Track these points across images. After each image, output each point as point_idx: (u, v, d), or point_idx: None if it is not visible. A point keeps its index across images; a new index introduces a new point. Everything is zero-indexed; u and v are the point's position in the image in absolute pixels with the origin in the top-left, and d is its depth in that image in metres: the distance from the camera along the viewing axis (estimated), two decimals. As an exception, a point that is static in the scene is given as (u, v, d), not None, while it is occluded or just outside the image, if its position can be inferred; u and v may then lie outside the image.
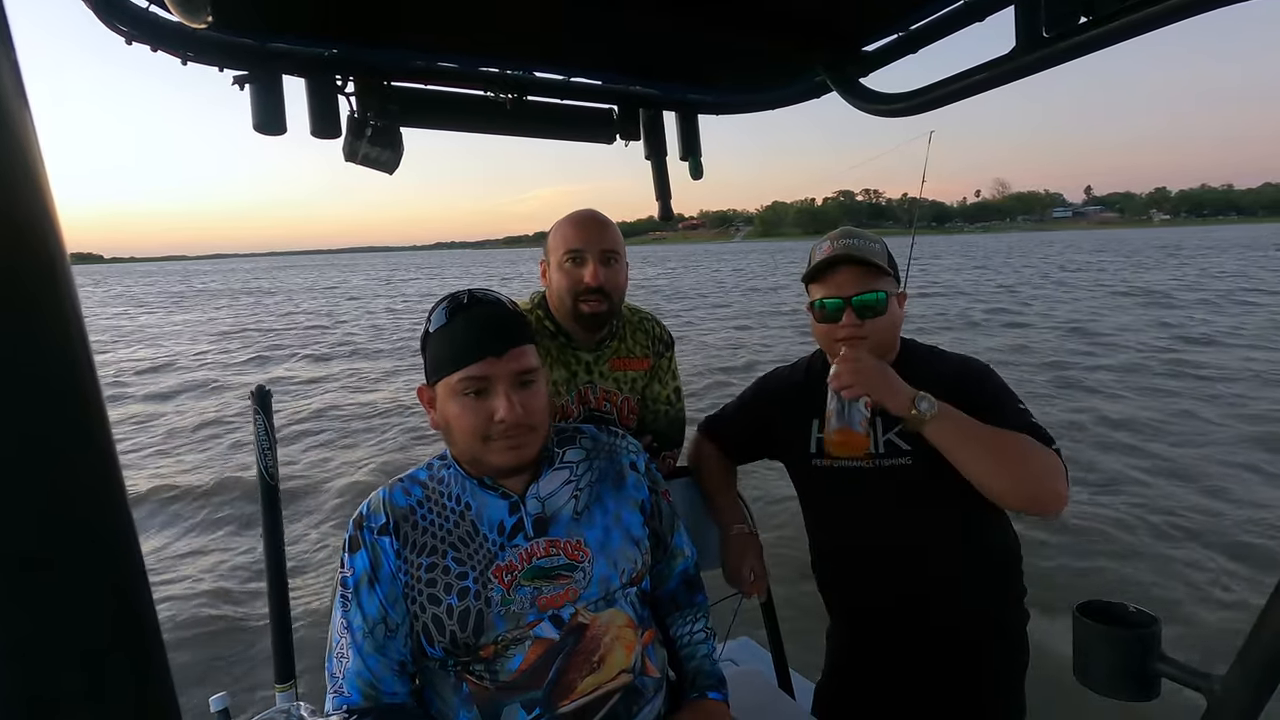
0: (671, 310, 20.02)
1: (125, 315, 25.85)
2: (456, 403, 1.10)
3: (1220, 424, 6.83)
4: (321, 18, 1.27)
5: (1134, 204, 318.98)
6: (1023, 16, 1.15)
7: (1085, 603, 0.84)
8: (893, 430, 1.43)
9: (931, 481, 1.38)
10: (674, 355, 1.80)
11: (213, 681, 3.29)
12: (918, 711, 1.49)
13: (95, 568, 0.26)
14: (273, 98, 1.33)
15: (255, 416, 1.73)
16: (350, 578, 1.10)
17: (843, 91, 1.48)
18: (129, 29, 1.14)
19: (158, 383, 11.43)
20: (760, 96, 1.77)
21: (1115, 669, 0.80)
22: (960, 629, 1.44)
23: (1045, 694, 1.62)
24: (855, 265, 1.41)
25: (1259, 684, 0.70)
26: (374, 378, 11.26)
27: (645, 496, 1.27)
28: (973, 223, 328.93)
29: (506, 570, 1.10)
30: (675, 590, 1.35)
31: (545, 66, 1.56)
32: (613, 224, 1.59)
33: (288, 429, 7.94)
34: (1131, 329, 13.38)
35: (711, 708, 1.22)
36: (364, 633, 1.08)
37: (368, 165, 1.48)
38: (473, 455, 1.12)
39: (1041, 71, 1.17)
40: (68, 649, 0.25)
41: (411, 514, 1.13)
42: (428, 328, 1.15)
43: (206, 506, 5.64)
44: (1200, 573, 3.98)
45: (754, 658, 2.15)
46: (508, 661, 1.07)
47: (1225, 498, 5.01)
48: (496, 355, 1.08)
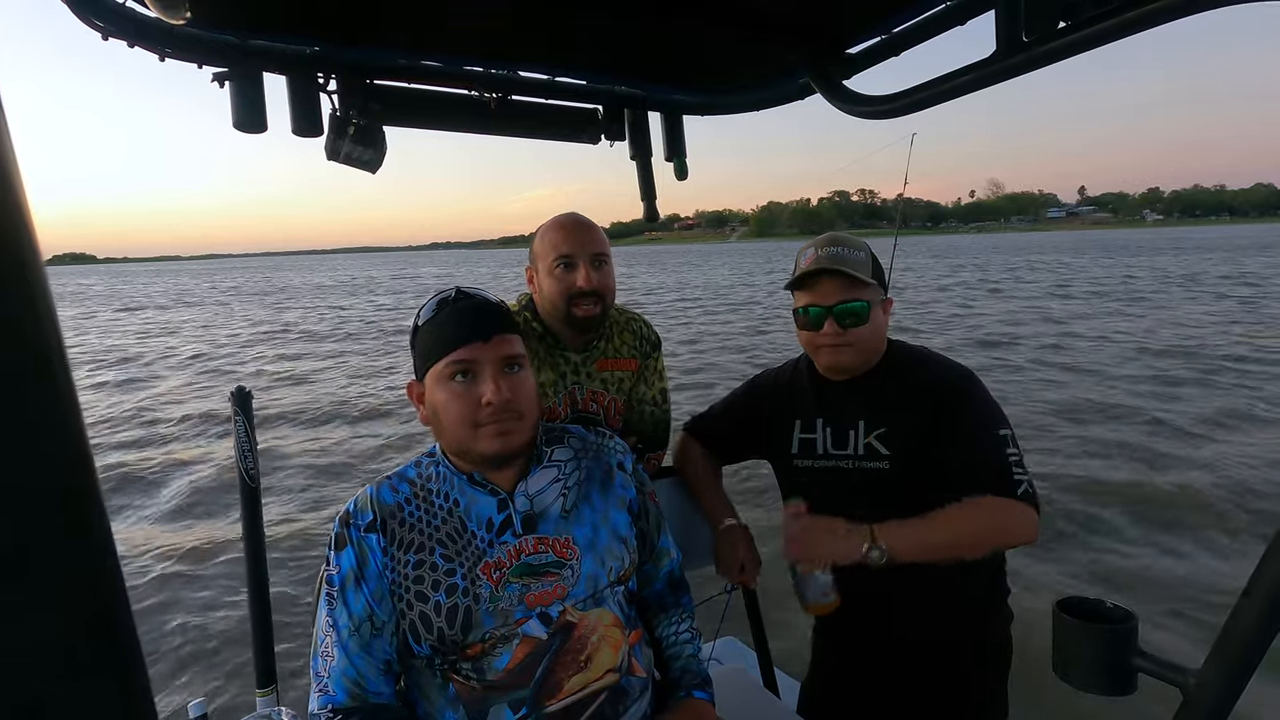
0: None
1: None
2: (444, 389, 1.10)
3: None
4: (303, 15, 1.26)
5: (1127, 204, 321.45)
6: (1003, 21, 1.16)
7: (1064, 599, 0.85)
8: (872, 434, 1.44)
9: (909, 485, 1.40)
10: (661, 356, 1.80)
11: (191, 688, 3.25)
12: (901, 710, 1.50)
13: (69, 572, 0.25)
14: (253, 96, 1.31)
15: (235, 417, 1.71)
16: (336, 575, 1.09)
17: (826, 93, 1.49)
18: (105, 24, 1.12)
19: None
20: (744, 98, 1.78)
21: (1094, 664, 0.82)
22: (942, 629, 1.45)
23: (1027, 691, 1.64)
24: (838, 276, 1.42)
25: (1232, 678, 0.72)
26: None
27: (633, 496, 1.27)
28: (967, 223, 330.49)
29: (495, 567, 1.10)
30: (661, 591, 1.35)
31: (529, 66, 1.56)
32: (598, 227, 1.60)
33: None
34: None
35: (697, 707, 1.22)
36: (350, 631, 1.07)
37: (350, 164, 1.46)
38: (461, 445, 1.12)
39: (1021, 75, 1.18)
40: (40, 656, 0.25)
41: (399, 511, 1.13)
42: (416, 322, 1.16)
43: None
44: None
45: (739, 656, 2.16)
46: (495, 660, 1.07)
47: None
48: (483, 340, 1.09)
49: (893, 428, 1.43)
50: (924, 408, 1.41)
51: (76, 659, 0.25)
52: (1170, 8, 0.96)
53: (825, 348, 1.46)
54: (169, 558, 4.68)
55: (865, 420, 1.46)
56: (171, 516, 5.45)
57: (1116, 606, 0.83)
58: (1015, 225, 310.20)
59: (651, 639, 1.32)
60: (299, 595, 4.06)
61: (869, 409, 1.47)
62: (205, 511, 5.50)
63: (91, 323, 23.06)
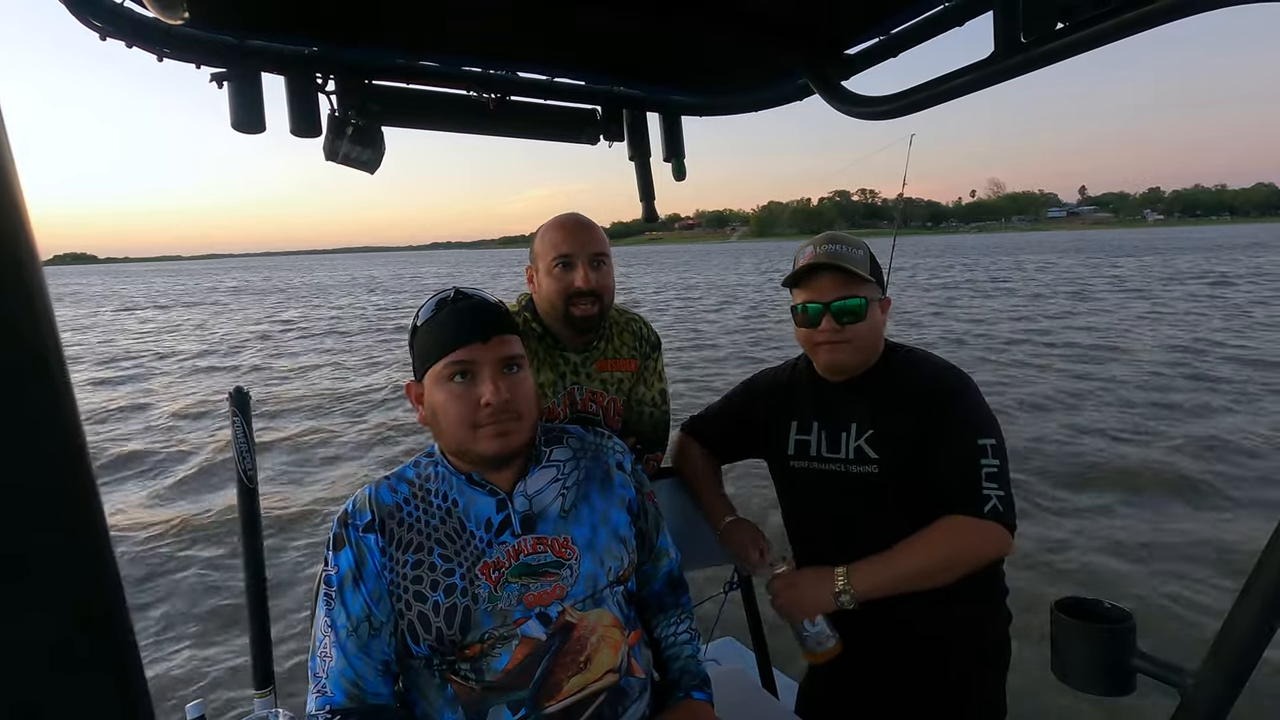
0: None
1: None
2: (443, 390, 1.10)
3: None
4: (301, 15, 1.26)
5: (1128, 204, 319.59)
6: (1001, 22, 1.16)
7: (1062, 599, 0.85)
8: (862, 438, 1.45)
9: (900, 489, 1.41)
10: (660, 356, 1.80)
11: (189, 688, 3.24)
12: (899, 710, 1.50)
13: (66, 571, 0.25)
14: (251, 96, 1.31)
15: (233, 419, 1.70)
16: (334, 576, 1.09)
17: (825, 94, 1.49)
18: (103, 24, 1.12)
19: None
20: (743, 98, 1.78)
21: (1092, 664, 0.82)
22: (939, 629, 1.45)
23: (1024, 691, 1.64)
24: (836, 272, 1.42)
25: (1231, 679, 0.72)
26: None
27: (632, 496, 1.27)
28: (967, 223, 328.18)
29: (494, 567, 1.10)
30: (660, 591, 1.35)
31: (528, 67, 1.56)
32: (598, 227, 1.60)
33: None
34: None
35: (696, 708, 1.22)
36: (348, 631, 1.07)
37: (348, 165, 1.46)
38: (460, 445, 1.12)
39: (1020, 76, 1.19)
40: (37, 655, 0.25)
41: (398, 511, 1.13)
42: (415, 323, 1.15)
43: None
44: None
45: (737, 657, 2.16)
46: (494, 661, 1.07)
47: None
48: (482, 340, 1.09)
49: (883, 431, 1.43)
50: (915, 409, 1.41)
51: (73, 658, 0.25)
52: (1167, 9, 0.96)
53: (823, 345, 1.46)
54: (167, 556, 4.67)
55: (857, 423, 1.46)
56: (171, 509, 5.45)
57: (1115, 607, 0.83)
58: (1016, 225, 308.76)
59: (650, 639, 1.32)
60: (299, 594, 4.06)
61: (862, 411, 1.47)
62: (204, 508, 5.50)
63: (130, 317, 23.09)
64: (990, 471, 1.33)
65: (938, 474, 1.37)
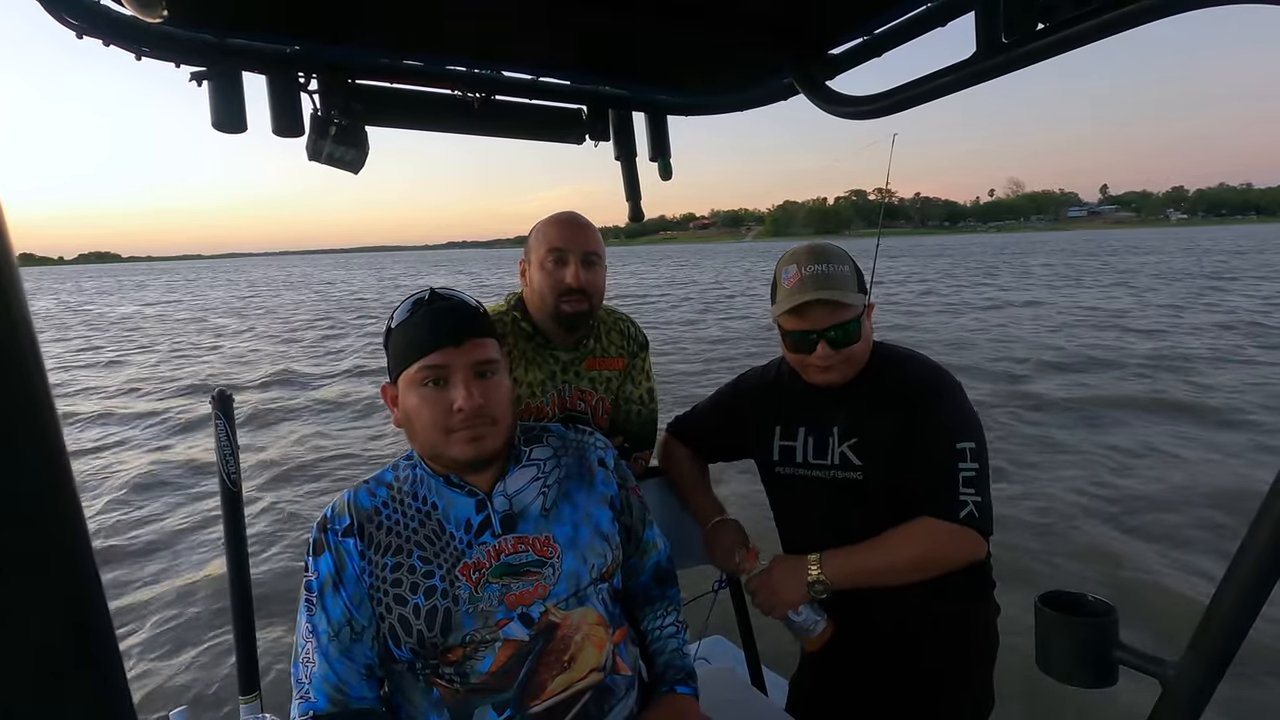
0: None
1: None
2: (416, 394, 1.09)
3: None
4: (282, 13, 1.24)
5: (1150, 203, 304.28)
6: (983, 22, 1.17)
7: (1046, 593, 0.86)
8: (846, 444, 1.45)
9: (884, 492, 1.41)
10: (649, 356, 1.81)
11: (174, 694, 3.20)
12: (889, 704, 1.51)
13: (45, 574, 0.25)
14: (232, 95, 1.30)
15: (216, 421, 1.68)
16: (314, 581, 1.09)
17: (809, 93, 1.49)
18: (80, 22, 1.10)
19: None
20: (728, 98, 1.78)
21: (1075, 657, 0.83)
22: (927, 623, 1.46)
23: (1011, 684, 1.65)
24: (828, 303, 1.38)
25: (1211, 668, 0.73)
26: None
27: (614, 492, 1.27)
28: (985, 222, 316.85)
29: (474, 568, 1.09)
30: (647, 584, 1.35)
31: (513, 66, 1.55)
32: (594, 227, 1.60)
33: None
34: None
35: (680, 703, 1.22)
36: (329, 636, 1.06)
37: (332, 164, 1.45)
38: (434, 449, 1.11)
39: (1001, 76, 1.20)
40: (16, 659, 0.24)
41: (376, 515, 1.12)
42: (390, 325, 1.14)
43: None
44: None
45: (727, 655, 2.16)
46: (478, 664, 1.07)
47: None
48: (455, 345, 1.08)
49: (865, 436, 1.43)
50: (897, 410, 1.41)
51: (54, 662, 0.25)
52: (1147, 9, 0.97)
53: (817, 368, 1.43)
54: (150, 557, 4.61)
55: (840, 428, 1.46)
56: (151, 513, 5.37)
57: (1098, 600, 0.84)
58: (1035, 224, 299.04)
59: (637, 633, 1.31)
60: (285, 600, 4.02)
61: (845, 417, 1.46)
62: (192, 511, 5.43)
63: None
64: (968, 476, 1.34)
65: (916, 477, 1.38)
